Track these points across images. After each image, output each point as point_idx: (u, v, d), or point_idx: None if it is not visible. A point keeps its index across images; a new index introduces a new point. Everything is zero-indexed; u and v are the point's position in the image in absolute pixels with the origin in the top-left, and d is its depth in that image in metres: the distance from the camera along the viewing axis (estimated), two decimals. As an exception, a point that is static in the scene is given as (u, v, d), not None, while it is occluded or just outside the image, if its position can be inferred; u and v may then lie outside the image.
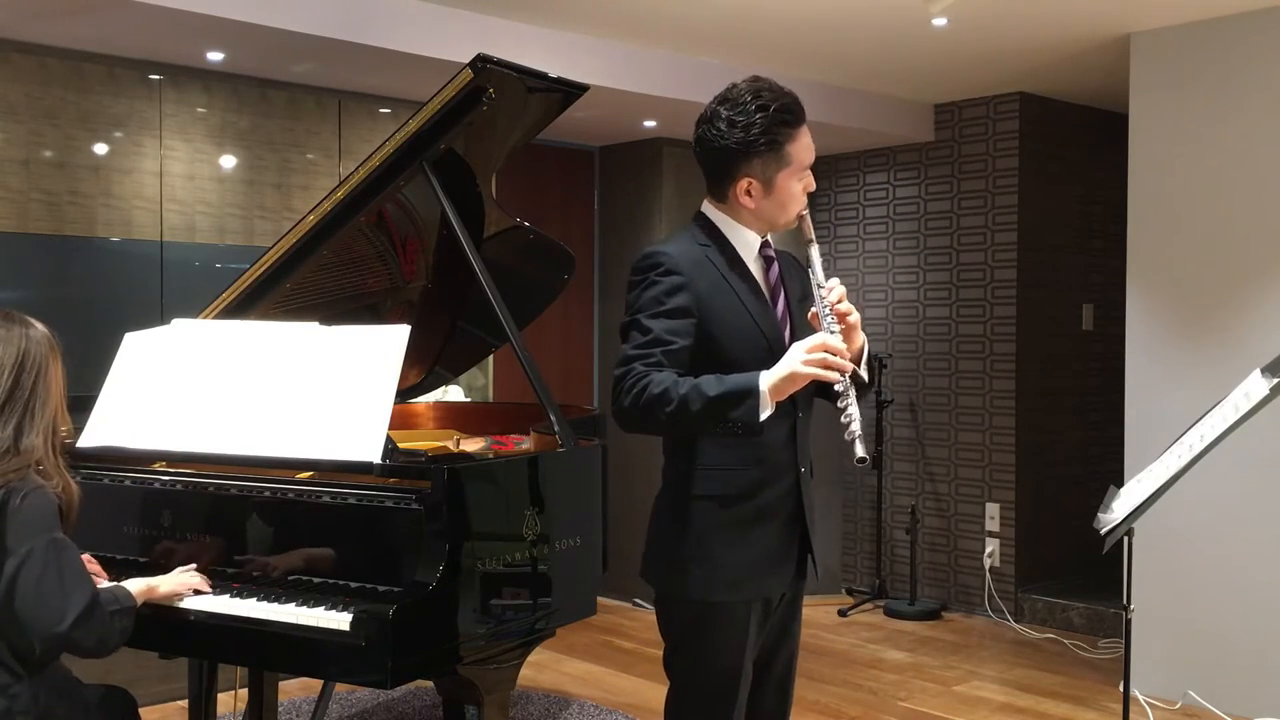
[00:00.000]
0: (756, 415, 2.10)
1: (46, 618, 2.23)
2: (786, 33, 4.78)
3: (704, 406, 2.11)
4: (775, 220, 2.34)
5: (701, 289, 2.25)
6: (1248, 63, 4.49)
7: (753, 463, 2.28)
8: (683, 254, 2.28)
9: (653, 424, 2.16)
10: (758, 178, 2.27)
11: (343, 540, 2.52)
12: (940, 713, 4.44)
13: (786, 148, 2.26)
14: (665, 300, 2.22)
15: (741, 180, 2.28)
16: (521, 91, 3.04)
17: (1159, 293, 4.73)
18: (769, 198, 2.29)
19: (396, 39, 4.30)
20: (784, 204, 2.31)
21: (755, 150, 2.25)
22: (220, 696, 3.25)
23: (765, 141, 2.24)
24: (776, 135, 2.25)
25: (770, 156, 2.26)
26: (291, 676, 4.31)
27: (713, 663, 2.32)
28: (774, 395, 2.11)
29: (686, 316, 2.22)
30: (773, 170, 2.27)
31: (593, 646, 5.29)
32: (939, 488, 6.19)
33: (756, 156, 2.25)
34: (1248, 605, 4.40)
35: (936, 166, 6.20)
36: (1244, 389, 2.82)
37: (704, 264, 2.28)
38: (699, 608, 2.31)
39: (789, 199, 2.31)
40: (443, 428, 3.80)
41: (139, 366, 2.84)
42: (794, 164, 2.28)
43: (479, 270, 2.98)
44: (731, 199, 2.31)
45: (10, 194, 4.16)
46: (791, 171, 2.28)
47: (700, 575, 2.29)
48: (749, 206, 2.30)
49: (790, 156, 2.27)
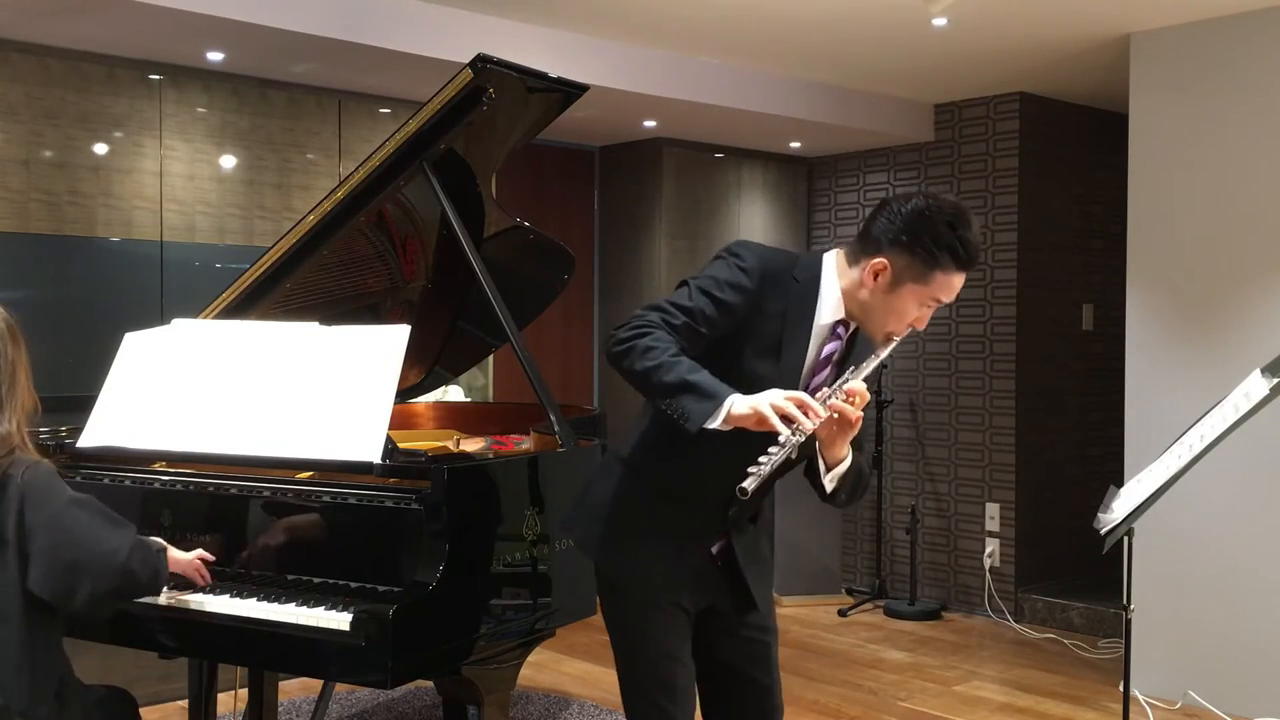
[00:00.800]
0: (703, 419, 2.05)
1: (103, 555, 2.25)
2: (786, 33, 4.78)
3: (672, 380, 2.08)
4: (871, 318, 2.26)
5: (758, 306, 2.22)
6: (1248, 63, 4.49)
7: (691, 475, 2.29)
8: (769, 267, 2.25)
9: (627, 365, 2.14)
10: (894, 271, 2.20)
11: (343, 540, 2.52)
12: (940, 713, 4.44)
13: (937, 272, 2.19)
14: (724, 289, 2.20)
15: (879, 260, 2.21)
16: (521, 91, 3.04)
17: (1159, 293, 4.73)
18: (886, 295, 2.22)
19: (396, 39, 4.30)
20: (890, 311, 2.23)
21: (912, 249, 2.18)
22: (220, 696, 3.25)
23: (927, 251, 2.17)
24: (939, 256, 2.17)
25: (920, 266, 2.18)
26: (291, 676, 4.31)
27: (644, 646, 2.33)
28: (733, 417, 2.05)
29: (728, 314, 2.20)
30: (909, 277, 2.19)
31: (593, 646, 5.29)
32: (939, 488, 6.19)
33: (909, 253, 2.18)
34: (1248, 605, 4.40)
35: (936, 166, 6.20)
36: (1244, 389, 2.82)
37: (781, 290, 2.24)
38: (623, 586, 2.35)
39: (898, 311, 2.23)
40: (443, 428, 3.80)
41: (139, 366, 2.84)
42: (929, 287, 2.20)
43: (479, 270, 2.99)
44: (859, 270, 2.24)
45: (10, 194, 4.16)
46: (921, 291, 2.21)
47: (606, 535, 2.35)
48: (865, 286, 2.23)
49: (933, 280, 2.19)
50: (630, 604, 2.34)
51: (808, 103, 5.60)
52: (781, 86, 5.50)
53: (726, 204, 6.38)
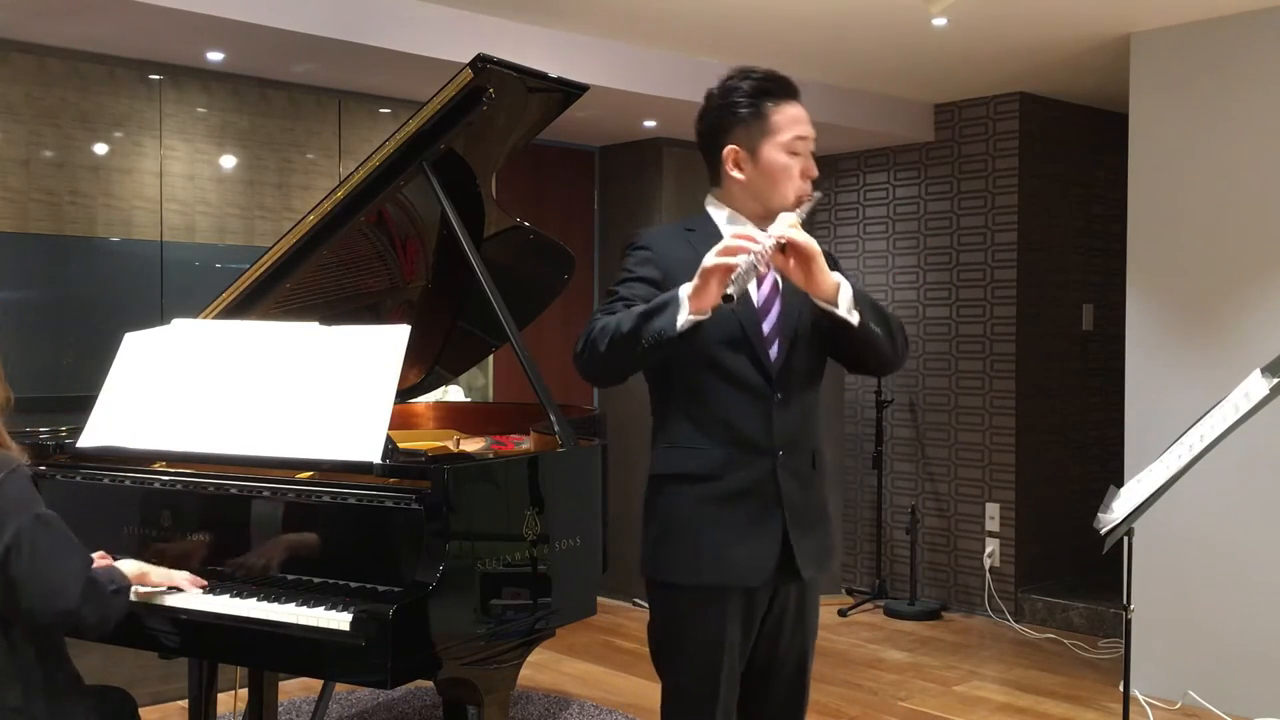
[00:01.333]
0: (674, 320, 2.07)
1: (51, 595, 2.20)
2: (786, 33, 4.78)
3: (632, 324, 2.12)
4: (768, 197, 2.30)
5: (673, 265, 2.26)
6: (1248, 63, 4.49)
7: (719, 441, 2.27)
8: (659, 233, 2.37)
9: (596, 359, 2.19)
10: (743, 146, 2.28)
11: (343, 540, 2.52)
12: (940, 713, 4.44)
13: (769, 115, 2.27)
14: (634, 270, 2.30)
15: (727, 149, 2.29)
16: (521, 91, 3.04)
17: (1159, 293, 4.73)
18: (756, 169, 2.28)
19: (396, 39, 4.30)
20: (774, 178, 2.28)
21: (738, 116, 2.27)
22: (220, 696, 3.25)
23: (747, 105, 2.26)
24: (759, 102, 2.26)
25: (754, 124, 2.27)
26: (291, 676, 4.31)
27: (688, 654, 2.31)
28: (694, 300, 2.07)
29: (651, 285, 2.25)
30: (757, 138, 2.27)
31: (593, 646, 5.29)
32: (939, 488, 6.19)
33: (740, 124, 2.28)
34: (1248, 605, 4.40)
35: (936, 166, 6.20)
36: (1244, 389, 2.82)
37: (681, 244, 2.30)
38: (669, 595, 2.31)
39: (778, 172, 2.28)
40: (443, 428, 3.79)
41: (139, 366, 2.84)
42: (779, 132, 2.27)
43: (479, 270, 2.98)
44: (724, 177, 2.32)
45: (10, 194, 4.16)
46: (777, 142, 2.27)
47: (664, 555, 2.31)
48: (738, 179, 2.30)
49: (775, 125, 2.27)
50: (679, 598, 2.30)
51: (808, 103, 5.58)
52: (781, 86, 5.49)
53: (726, 204, 6.38)
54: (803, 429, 2.34)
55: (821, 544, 2.37)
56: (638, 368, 2.25)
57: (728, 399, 2.26)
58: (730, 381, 2.26)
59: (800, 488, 2.32)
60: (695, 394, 2.28)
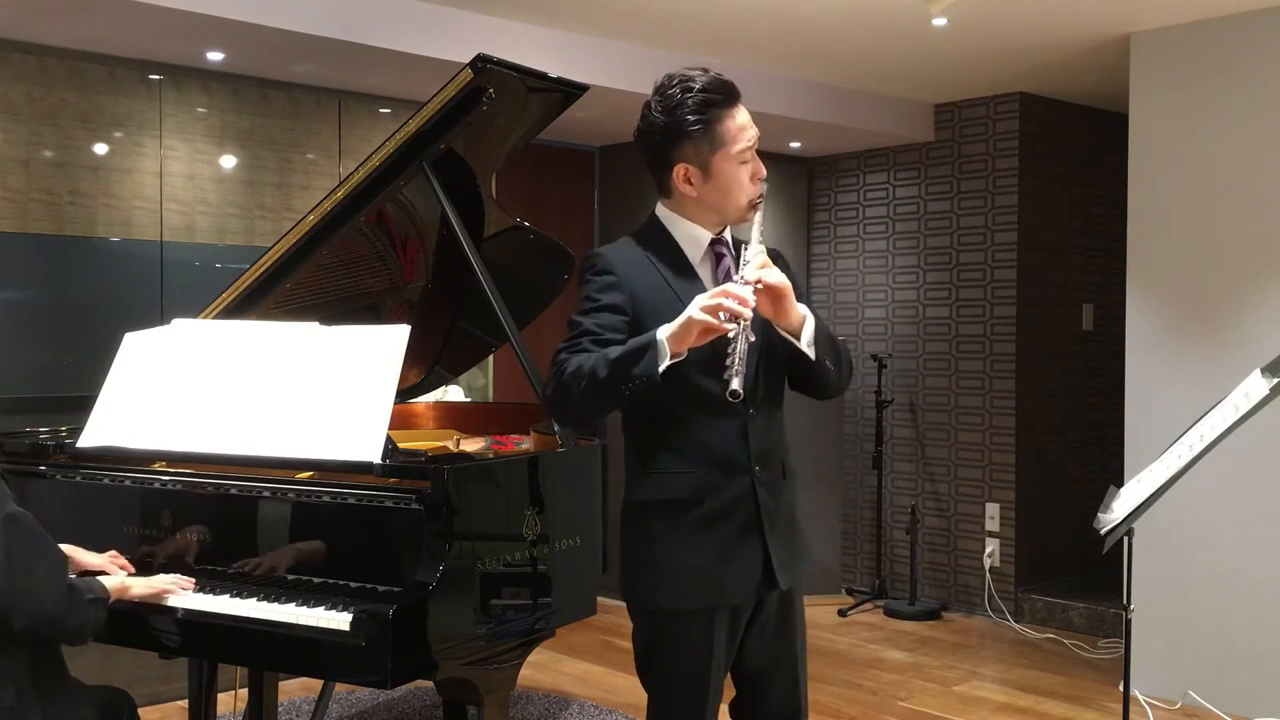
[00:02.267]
0: (655, 366, 2.04)
1: (27, 599, 2.20)
2: (786, 33, 4.78)
3: (609, 370, 2.08)
4: (723, 209, 2.27)
5: (638, 288, 2.22)
6: (1248, 63, 4.49)
7: (698, 463, 2.23)
8: (619, 254, 2.27)
9: (571, 403, 2.14)
10: (693, 163, 2.23)
11: (343, 540, 2.52)
12: (940, 713, 4.44)
13: (717, 127, 2.20)
14: (597, 297, 2.23)
15: (678, 167, 2.24)
16: (521, 91, 3.04)
17: (1159, 293, 4.73)
18: (709, 183, 2.24)
19: (396, 39, 4.30)
20: (727, 190, 2.24)
21: (685, 133, 2.21)
22: (220, 696, 3.25)
23: (694, 122, 2.19)
24: (705, 115, 2.19)
25: (702, 139, 2.20)
26: (291, 676, 4.31)
27: (674, 673, 2.30)
28: (674, 344, 2.05)
29: (617, 313, 2.20)
30: (707, 153, 2.21)
31: (593, 646, 5.29)
32: (939, 488, 6.19)
33: (688, 140, 2.21)
34: (1248, 605, 4.40)
35: (936, 166, 6.20)
36: (1244, 389, 2.82)
37: (643, 265, 2.25)
38: (655, 617, 2.29)
39: (731, 184, 2.24)
40: (443, 428, 3.79)
41: (139, 366, 2.84)
42: (728, 144, 2.22)
43: (479, 270, 2.99)
44: (675, 191, 2.27)
45: (10, 194, 4.16)
46: (727, 154, 2.22)
47: (648, 581, 2.27)
48: (690, 195, 2.25)
49: (723, 137, 2.21)
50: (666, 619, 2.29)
51: (808, 103, 5.60)
52: (781, 86, 5.50)
53: (726, 204, 6.37)
54: (774, 443, 2.33)
55: (794, 551, 2.35)
56: (615, 409, 2.22)
57: (704, 421, 2.23)
58: (704, 403, 2.22)
59: (773, 499, 2.31)
60: (669, 418, 2.24)
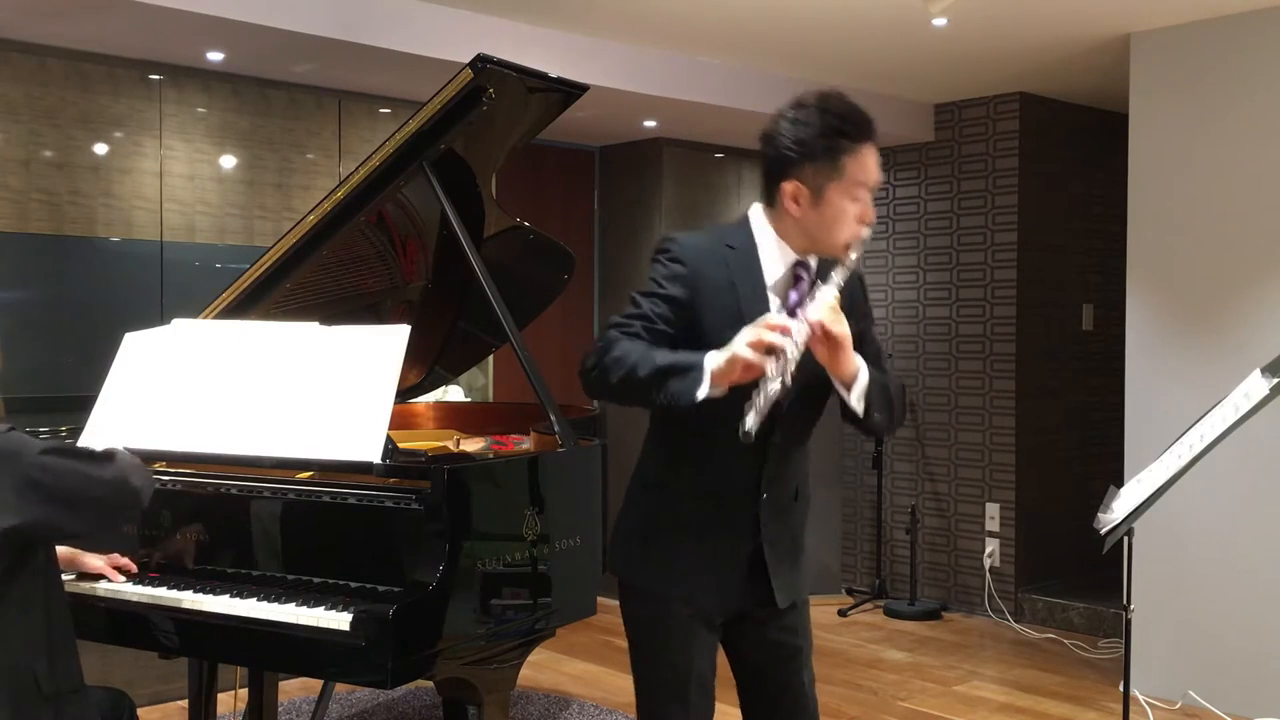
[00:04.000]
0: (693, 391, 2.02)
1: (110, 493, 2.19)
2: (786, 33, 4.78)
3: (650, 373, 2.07)
4: (821, 238, 2.21)
5: (704, 285, 2.20)
6: (1248, 63, 4.49)
7: (711, 472, 2.25)
8: (698, 246, 2.24)
9: (605, 387, 2.15)
10: (807, 184, 2.15)
11: (343, 540, 2.52)
12: (940, 713, 4.44)
13: (843, 159, 2.14)
14: (663, 285, 2.21)
15: (789, 183, 2.16)
16: (521, 91, 3.04)
17: (1159, 293, 4.73)
18: (816, 209, 2.17)
19: (396, 39, 4.30)
20: (832, 222, 2.17)
21: (809, 154, 2.14)
22: (220, 696, 3.25)
23: (822, 147, 2.13)
24: (834, 144, 2.13)
25: (824, 164, 2.14)
26: (291, 676, 4.31)
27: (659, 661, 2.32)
28: (717, 376, 2.03)
29: (676, 305, 2.19)
30: (824, 179, 2.14)
31: (593, 646, 5.29)
32: (939, 488, 6.19)
33: (809, 161, 2.14)
34: (1248, 605, 4.40)
35: (936, 166, 6.20)
36: (1244, 389, 2.82)
37: (718, 262, 2.22)
38: (644, 599, 2.32)
39: (838, 217, 2.16)
40: (443, 428, 3.80)
41: (139, 366, 2.84)
42: (847, 179, 2.14)
43: (479, 270, 2.99)
44: (779, 204, 2.21)
45: (10, 194, 4.16)
46: (844, 187, 2.15)
47: (631, 552, 2.33)
48: (793, 214, 2.19)
49: (845, 170, 2.14)
50: (651, 614, 2.31)
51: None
52: (781, 86, 5.49)
53: (726, 204, 6.38)
54: (792, 472, 2.33)
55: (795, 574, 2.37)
56: (642, 407, 2.23)
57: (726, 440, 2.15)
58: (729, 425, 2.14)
59: (777, 519, 2.30)
60: (693, 430, 2.24)
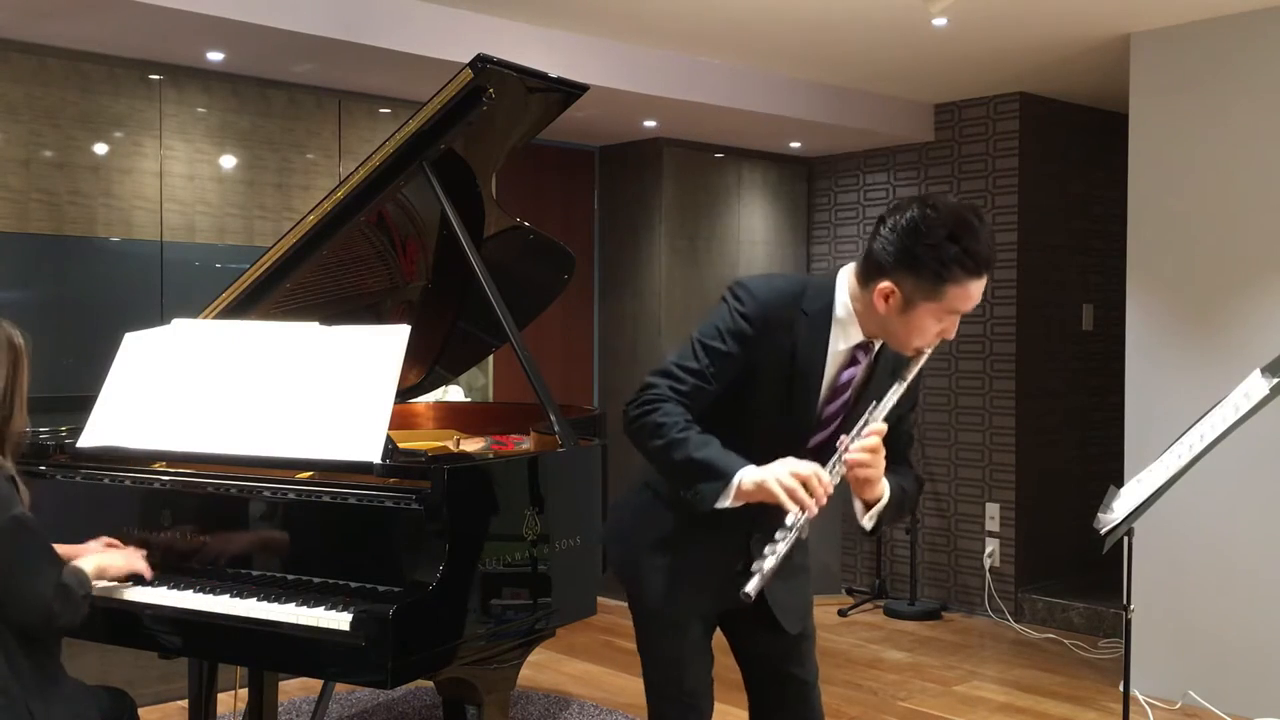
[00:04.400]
0: (715, 499, 2.08)
1: (25, 599, 2.27)
2: (786, 33, 4.78)
3: (682, 459, 2.11)
4: (893, 337, 2.19)
5: (764, 347, 2.19)
6: (1248, 63, 4.49)
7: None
8: (776, 306, 2.20)
9: (640, 443, 2.20)
10: (903, 291, 2.10)
11: (343, 540, 2.52)
12: (940, 713, 4.44)
13: (948, 286, 2.07)
14: (726, 339, 2.18)
15: (886, 284, 2.11)
16: (521, 91, 3.04)
17: (1159, 293, 4.73)
18: (900, 316, 2.12)
19: (396, 39, 4.30)
20: (910, 332, 2.14)
21: (919, 270, 2.07)
22: (220, 696, 3.25)
23: (931, 269, 2.06)
24: (945, 271, 2.06)
25: (927, 283, 2.08)
26: (291, 676, 4.31)
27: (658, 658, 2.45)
28: (742, 493, 2.07)
29: (734, 364, 2.19)
30: (920, 296, 2.09)
31: (593, 646, 5.29)
32: (939, 488, 6.19)
33: (914, 275, 2.08)
34: (1248, 605, 4.40)
35: (936, 166, 6.20)
36: (1244, 389, 2.82)
37: (786, 327, 2.19)
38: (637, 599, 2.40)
39: (918, 331, 2.13)
40: (443, 428, 3.80)
41: (139, 366, 2.84)
42: (943, 304, 2.10)
43: (479, 270, 2.99)
44: (870, 293, 2.16)
45: (10, 194, 4.16)
46: (937, 309, 2.11)
47: (634, 556, 2.38)
48: (878, 311, 2.15)
49: (945, 296, 2.08)
50: (650, 615, 2.40)
51: (808, 103, 5.60)
52: (781, 86, 5.50)
53: (726, 204, 6.38)
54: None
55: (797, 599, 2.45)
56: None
57: None
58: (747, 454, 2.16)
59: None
60: None
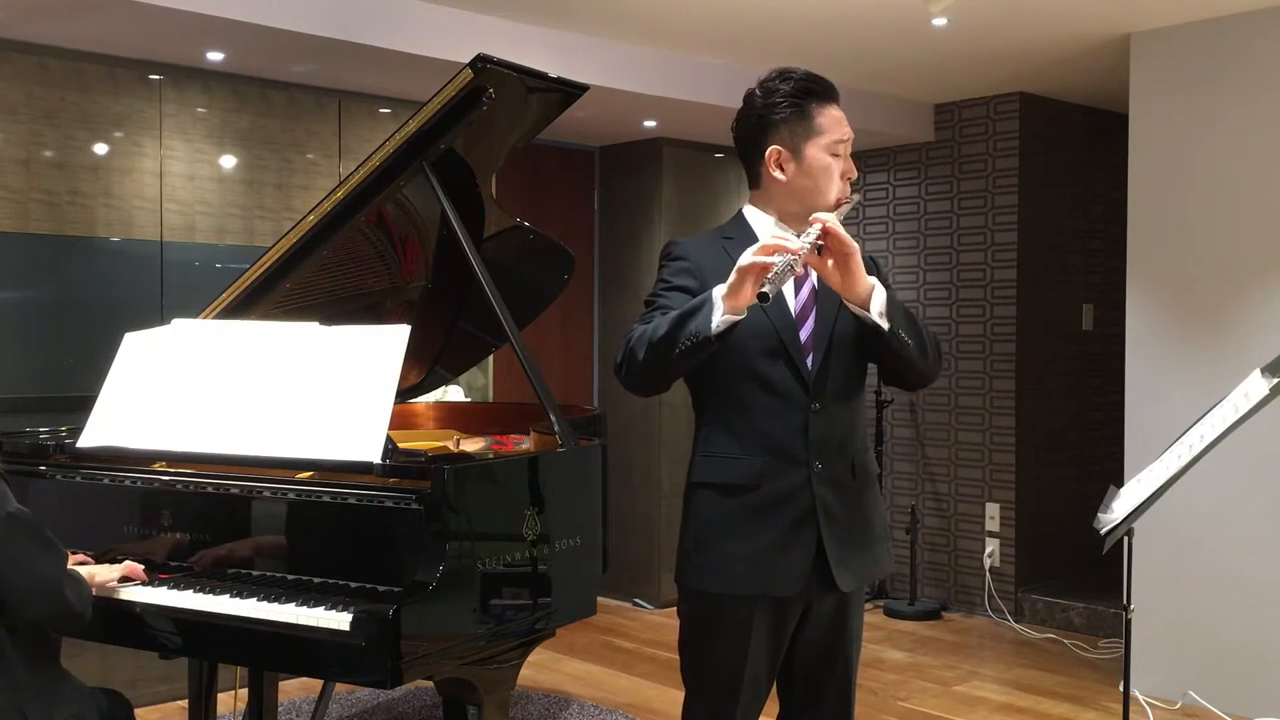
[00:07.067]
0: (709, 321, 2.07)
1: (37, 585, 2.25)
2: (787, 32, 4.78)
3: (668, 328, 2.12)
4: (810, 198, 2.28)
5: (708, 275, 2.25)
6: (1248, 63, 4.49)
7: (756, 451, 2.26)
8: (697, 244, 2.36)
9: (638, 370, 2.19)
10: (785, 146, 2.27)
11: (343, 540, 2.52)
12: (940, 713, 4.44)
13: (815, 118, 2.27)
14: (670, 279, 2.30)
15: (770, 150, 2.28)
16: (521, 91, 3.04)
17: (1159, 293, 4.73)
18: (799, 169, 2.27)
19: (396, 39, 4.30)
20: (817, 178, 2.28)
21: (780, 116, 2.27)
22: (220, 696, 3.25)
23: (789, 106, 2.26)
24: (802, 103, 2.26)
25: (797, 124, 2.26)
26: (291, 676, 4.31)
27: (712, 661, 2.32)
28: (729, 300, 2.07)
29: (689, 294, 2.24)
30: (800, 139, 2.26)
31: (593, 646, 5.29)
32: (939, 488, 6.19)
33: (783, 123, 2.27)
34: (1248, 605, 4.40)
35: (936, 166, 6.20)
36: (1244, 389, 2.82)
37: (719, 253, 2.29)
38: (698, 600, 2.33)
39: (821, 173, 2.28)
40: (443, 428, 3.80)
41: (139, 366, 2.84)
42: (823, 134, 2.27)
43: (479, 270, 2.98)
44: (764, 178, 2.31)
45: (10, 194, 4.16)
46: (820, 143, 2.27)
47: (697, 563, 2.32)
48: (780, 179, 2.28)
49: (818, 126, 2.27)
50: (701, 612, 2.33)
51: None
52: (781, 86, 5.49)
53: (727, 204, 6.38)
54: (841, 438, 2.31)
55: (864, 558, 2.33)
56: (677, 373, 2.23)
57: (765, 408, 2.26)
58: (768, 391, 2.25)
59: (840, 499, 2.29)
60: (733, 403, 2.28)
